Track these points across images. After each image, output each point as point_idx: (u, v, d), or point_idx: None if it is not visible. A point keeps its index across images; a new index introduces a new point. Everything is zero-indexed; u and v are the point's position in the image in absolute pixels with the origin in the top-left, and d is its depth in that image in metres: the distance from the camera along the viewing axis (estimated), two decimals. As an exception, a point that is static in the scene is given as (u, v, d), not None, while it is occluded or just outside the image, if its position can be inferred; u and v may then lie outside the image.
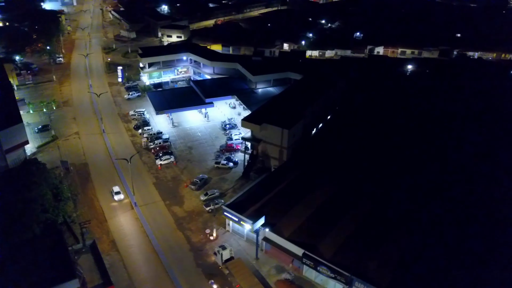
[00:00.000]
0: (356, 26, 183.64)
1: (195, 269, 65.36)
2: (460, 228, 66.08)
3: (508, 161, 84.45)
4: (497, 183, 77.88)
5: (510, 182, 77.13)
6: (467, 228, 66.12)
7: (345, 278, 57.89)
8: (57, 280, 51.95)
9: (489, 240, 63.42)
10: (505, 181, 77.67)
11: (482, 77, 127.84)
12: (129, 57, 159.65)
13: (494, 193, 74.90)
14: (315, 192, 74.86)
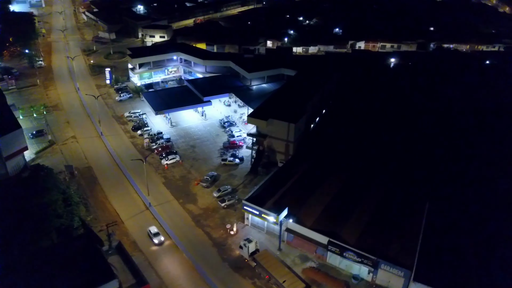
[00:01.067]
0: (334, 22, 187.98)
1: (221, 264, 66.32)
2: (475, 208, 70.29)
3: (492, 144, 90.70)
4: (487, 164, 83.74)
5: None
6: (483, 208, 70.43)
7: (372, 261, 60.65)
8: (98, 281, 51.62)
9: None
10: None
11: (460, 67, 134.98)
12: (113, 59, 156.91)
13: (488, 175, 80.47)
14: (328, 182, 77.44)
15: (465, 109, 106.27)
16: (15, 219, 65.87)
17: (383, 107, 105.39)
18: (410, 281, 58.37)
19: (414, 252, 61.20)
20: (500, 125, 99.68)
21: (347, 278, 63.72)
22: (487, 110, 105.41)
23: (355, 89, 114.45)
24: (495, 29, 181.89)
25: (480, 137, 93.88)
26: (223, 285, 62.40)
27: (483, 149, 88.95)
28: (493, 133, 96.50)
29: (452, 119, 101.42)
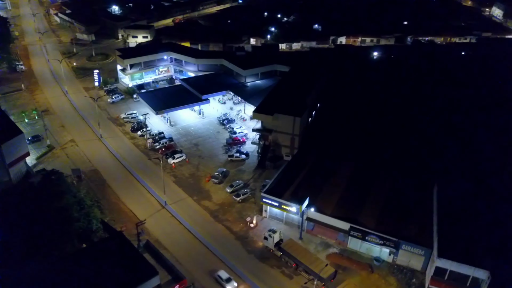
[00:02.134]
0: (312, 18, 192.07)
1: (248, 256, 68.08)
2: (482, 185, 75.64)
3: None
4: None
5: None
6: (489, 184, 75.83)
7: (394, 242, 64.23)
8: (141, 278, 52.22)
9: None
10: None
11: (439, 57, 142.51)
12: (96, 60, 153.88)
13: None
14: (338, 172, 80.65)
15: (453, 95, 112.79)
16: (35, 225, 64.91)
17: (378, 97, 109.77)
18: (430, 259, 62.41)
19: (431, 231, 65.34)
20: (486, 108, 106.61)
21: (369, 261, 67.01)
22: (472, 95, 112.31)
23: (346, 82, 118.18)
24: (464, 22, 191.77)
25: (470, 121, 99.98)
26: (254, 276, 64.21)
27: (479, 130, 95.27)
28: (483, 116, 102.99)
29: (443, 104, 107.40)
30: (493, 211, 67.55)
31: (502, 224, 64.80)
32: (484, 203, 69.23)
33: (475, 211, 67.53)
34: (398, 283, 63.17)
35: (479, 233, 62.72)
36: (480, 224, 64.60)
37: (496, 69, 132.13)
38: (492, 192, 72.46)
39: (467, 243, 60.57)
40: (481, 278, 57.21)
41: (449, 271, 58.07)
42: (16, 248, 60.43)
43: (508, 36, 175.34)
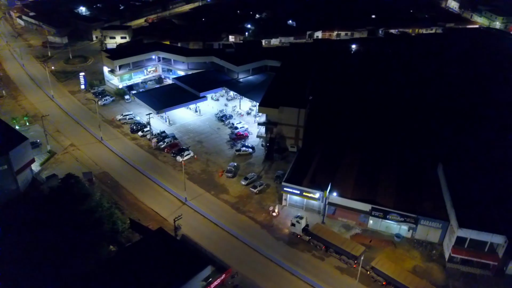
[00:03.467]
0: (284, 14, 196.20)
1: (277, 243, 70.89)
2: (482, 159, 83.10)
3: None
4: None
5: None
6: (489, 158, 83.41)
7: (413, 219, 69.33)
8: (194, 270, 53.71)
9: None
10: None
11: (417, 47, 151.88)
12: (74, 63, 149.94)
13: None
14: (348, 158, 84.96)
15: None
16: (66, 229, 64.42)
17: (368, 86, 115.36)
18: (448, 231, 68.03)
19: (444, 206, 71.10)
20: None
21: (390, 238, 71.79)
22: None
23: (334, 74, 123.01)
24: (427, 14, 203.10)
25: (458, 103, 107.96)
26: (287, 260, 67.11)
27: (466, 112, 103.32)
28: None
29: (433, 91, 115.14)
30: (498, 181, 74.45)
31: (509, 190, 71.65)
32: (487, 174, 76.16)
33: (482, 182, 74.16)
34: (421, 255, 68.33)
35: (490, 202, 69.17)
36: (489, 194, 71.23)
37: (471, 56, 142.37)
38: (494, 165, 79.51)
39: (482, 212, 66.66)
40: (498, 243, 63.27)
41: (469, 239, 63.71)
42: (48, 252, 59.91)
43: (469, 26, 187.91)
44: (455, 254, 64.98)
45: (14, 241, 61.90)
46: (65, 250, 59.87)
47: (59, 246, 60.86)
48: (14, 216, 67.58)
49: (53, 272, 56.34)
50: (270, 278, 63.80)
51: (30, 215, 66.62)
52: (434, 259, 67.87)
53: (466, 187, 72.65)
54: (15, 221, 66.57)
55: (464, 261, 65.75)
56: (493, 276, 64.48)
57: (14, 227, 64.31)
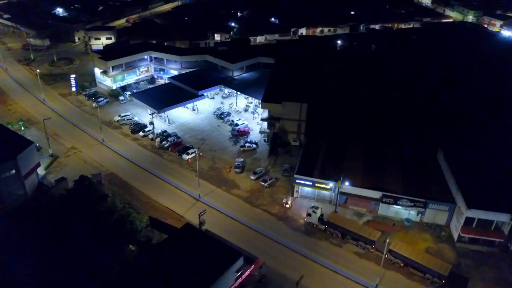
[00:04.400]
0: (265, 12, 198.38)
1: (295, 233, 73.22)
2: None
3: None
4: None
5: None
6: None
7: (422, 203, 73.15)
8: (229, 262, 55.19)
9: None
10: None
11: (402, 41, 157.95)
12: (60, 66, 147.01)
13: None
14: (352, 149, 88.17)
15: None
16: (88, 231, 64.49)
17: (366, 78, 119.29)
18: (455, 213, 72.23)
19: (448, 189, 75.33)
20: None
21: (400, 223, 75.40)
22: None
23: (330, 68, 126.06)
24: (403, 9, 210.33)
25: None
26: (307, 249, 69.57)
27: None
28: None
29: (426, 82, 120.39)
30: (496, 163, 79.68)
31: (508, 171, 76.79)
32: (485, 157, 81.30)
33: (481, 165, 79.07)
34: (432, 237, 72.23)
35: (493, 183, 73.84)
36: (490, 175, 75.99)
37: (454, 48, 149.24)
38: (490, 148, 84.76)
39: (486, 193, 71.08)
40: (503, 221, 67.88)
41: (477, 219, 68.00)
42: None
43: (444, 20, 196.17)
44: (464, 233, 69.15)
45: (36, 246, 61.30)
46: (93, 254, 59.86)
47: (85, 249, 60.81)
48: (31, 221, 66.68)
49: (84, 276, 56.42)
50: (294, 266, 65.95)
51: (47, 219, 65.90)
52: (444, 240, 71.93)
53: (468, 171, 76.98)
54: (34, 226, 65.82)
55: (472, 240, 70.08)
56: (499, 252, 69.00)
57: (32, 233, 63.59)
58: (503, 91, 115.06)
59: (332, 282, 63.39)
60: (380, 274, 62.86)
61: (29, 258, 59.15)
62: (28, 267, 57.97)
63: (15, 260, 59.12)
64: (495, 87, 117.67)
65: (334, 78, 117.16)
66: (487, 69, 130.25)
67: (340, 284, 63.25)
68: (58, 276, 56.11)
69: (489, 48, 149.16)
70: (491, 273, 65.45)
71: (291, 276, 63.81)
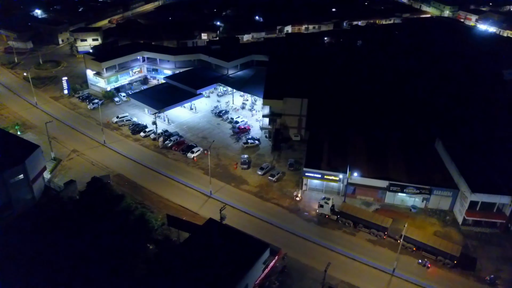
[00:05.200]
0: (248, 11, 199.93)
1: (309, 224, 75.47)
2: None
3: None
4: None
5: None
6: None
7: (428, 190, 76.80)
8: (257, 253, 56.78)
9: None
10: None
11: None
12: (47, 68, 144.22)
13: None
14: (353, 141, 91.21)
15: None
16: (109, 229, 64.73)
17: (361, 72, 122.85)
18: (458, 197, 76.18)
19: (449, 176, 79.33)
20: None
21: (406, 210, 78.85)
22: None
23: (325, 64, 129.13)
24: (382, 6, 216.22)
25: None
26: (322, 238, 71.95)
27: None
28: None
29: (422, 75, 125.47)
30: (493, 147, 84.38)
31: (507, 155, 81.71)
32: (482, 144, 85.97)
33: (479, 152, 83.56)
34: (438, 221, 75.98)
35: (492, 167, 78.36)
36: (488, 160, 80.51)
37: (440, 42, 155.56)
38: (485, 136, 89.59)
39: (487, 177, 75.37)
40: (504, 203, 72.23)
41: (480, 202, 72.06)
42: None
43: (422, 15, 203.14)
44: (469, 217, 73.12)
45: (58, 249, 61.01)
46: (118, 255, 60.15)
47: (109, 249, 61.02)
48: (48, 225, 66.17)
49: (111, 277, 56.78)
50: (312, 256, 68.17)
51: (65, 223, 65.56)
52: (449, 224, 75.82)
53: (466, 157, 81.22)
54: (52, 229, 65.39)
55: (476, 222, 74.17)
56: (501, 233, 73.39)
57: (52, 236, 63.21)
58: (490, 79, 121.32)
59: (352, 268, 65.90)
60: (396, 259, 65.76)
61: (49, 261, 58.88)
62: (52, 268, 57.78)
63: (36, 264, 58.77)
64: (482, 75, 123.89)
65: (329, 73, 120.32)
66: (471, 59, 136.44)
67: (359, 270, 65.84)
68: (88, 276, 56.23)
69: (470, 40, 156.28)
70: (496, 253, 69.59)
71: (311, 265, 66.25)
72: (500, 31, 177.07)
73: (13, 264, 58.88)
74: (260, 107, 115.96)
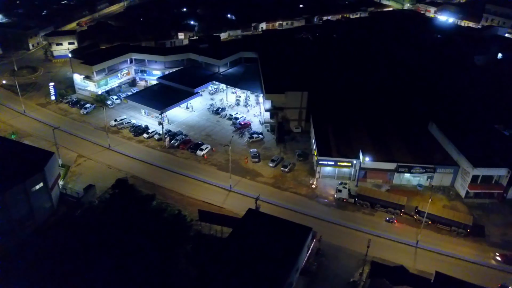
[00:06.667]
0: (218, 9, 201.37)
1: (329, 208, 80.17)
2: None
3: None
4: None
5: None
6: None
7: (432, 169, 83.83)
8: (305, 235, 60.55)
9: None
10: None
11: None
12: (24, 75, 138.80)
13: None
14: (354, 128, 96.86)
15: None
16: (148, 228, 65.81)
17: (347, 63, 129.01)
18: (459, 173, 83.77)
19: (448, 154, 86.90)
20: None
21: (413, 188, 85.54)
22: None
23: (314, 58, 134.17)
24: (347, 1, 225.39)
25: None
26: (346, 220, 76.88)
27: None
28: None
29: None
30: (483, 125, 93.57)
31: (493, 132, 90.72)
32: (472, 124, 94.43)
33: (471, 130, 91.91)
34: (444, 196, 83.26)
35: (485, 143, 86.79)
36: (480, 137, 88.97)
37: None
38: (474, 116, 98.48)
39: (484, 153, 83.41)
40: (501, 175, 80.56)
41: (481, 176, 79.91)
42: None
43: (385, 9, 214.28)
44: (472, 190, 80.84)
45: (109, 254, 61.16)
46: (161, 253, 61.41)
47: (152, 247, 62.07)
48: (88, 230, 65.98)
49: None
50: (339, 237, 72.78)
51: (105, 227, 65.70)
52: (453, 198, 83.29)
53: (461, 137, 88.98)
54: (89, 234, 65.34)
55: (476, 194, 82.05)
56: (499, 202, 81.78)
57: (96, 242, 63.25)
58: (463, 64, 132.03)
59: (379, 245, 70.98)
60: (419, 233, 72.12)
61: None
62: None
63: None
64: (456, 61, 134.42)
65: (320, 66, 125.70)
66: (443, 47, 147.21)
67: (386, 246, 71.30)
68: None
69: (437, 30, 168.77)
70: (499, 219, 77.71)
71: (341, 245, 70.83)
72: (458, 21, 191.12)
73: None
74: (254, 102, 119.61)
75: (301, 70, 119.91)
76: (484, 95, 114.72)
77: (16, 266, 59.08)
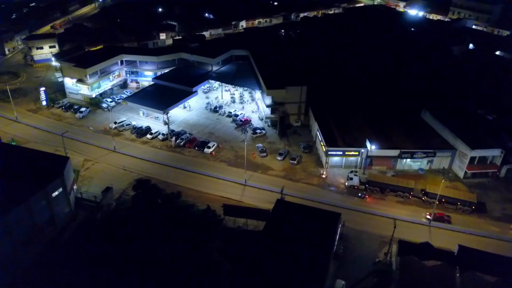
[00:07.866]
0: (196, 8, 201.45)
1: (342, 196, 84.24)
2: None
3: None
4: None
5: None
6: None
7: (433, 153, 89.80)
8: (334, 224, 64.00)
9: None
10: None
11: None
12: (7, 80, 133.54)
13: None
14: (356, 119, 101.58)
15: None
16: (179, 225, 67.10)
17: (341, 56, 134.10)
18: (456, 156, 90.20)
19: (443, 139, 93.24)
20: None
21: (415, 173, 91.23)
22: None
23: (307, 54, 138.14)
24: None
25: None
26: (359, 206, 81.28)
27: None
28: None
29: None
30: (473, 110, 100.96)
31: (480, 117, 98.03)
32: (462, 111, 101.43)
33: (462, 115, 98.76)
34: (444, 177, 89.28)
35: (477, 127, 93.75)
36: (472, 121, 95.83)
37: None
38: (463, 103, 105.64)
39: (477, 136, 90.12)
40: (495, 155, 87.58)
41: (477, 157, 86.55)
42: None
43: (357, 5, 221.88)
44: (470, 170, 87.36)
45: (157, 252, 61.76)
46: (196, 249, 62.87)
47: (185, 245, 63.34)
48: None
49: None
50: (357, 221, 76.75)
51: (135, 226, 66.30)
52: (453, 179, 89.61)
53: (454, 122, 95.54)
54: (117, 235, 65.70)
55: (473, 174, 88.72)
56: (494, 180, 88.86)
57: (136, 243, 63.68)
58: (441, 55, 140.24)
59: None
60: (433, 212, 77.51)
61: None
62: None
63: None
64: (434, 52, 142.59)
65: (311, 60, 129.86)
66: (420, 39, 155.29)
67: (402, 226, 75.65)
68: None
69: (410, 23, 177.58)
70: (497, 196, 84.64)
71: (361, 229, 74.98)
72: (427, 14, 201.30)
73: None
74: (250, 99, 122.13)
75: (294, 65, 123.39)
76: (465, 83, 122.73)
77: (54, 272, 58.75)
